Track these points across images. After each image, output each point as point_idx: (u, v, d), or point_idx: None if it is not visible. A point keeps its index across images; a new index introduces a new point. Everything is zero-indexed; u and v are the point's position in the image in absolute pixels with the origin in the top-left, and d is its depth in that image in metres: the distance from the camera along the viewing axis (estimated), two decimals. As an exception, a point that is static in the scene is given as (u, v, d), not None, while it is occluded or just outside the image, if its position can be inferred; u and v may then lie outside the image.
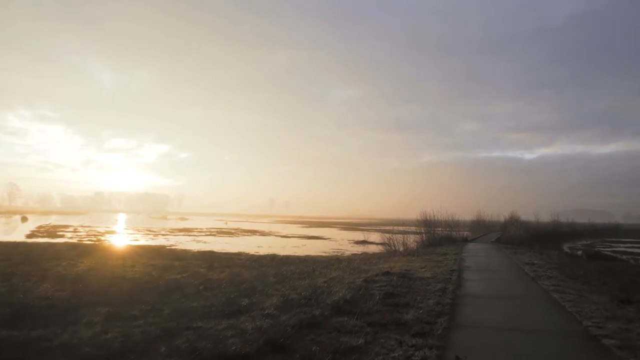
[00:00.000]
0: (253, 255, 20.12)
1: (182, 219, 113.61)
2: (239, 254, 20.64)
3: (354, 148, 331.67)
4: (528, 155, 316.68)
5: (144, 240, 33.59)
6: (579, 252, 33.21)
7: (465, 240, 29.06)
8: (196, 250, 24.02)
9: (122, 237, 36.15)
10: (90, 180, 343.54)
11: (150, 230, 48.95)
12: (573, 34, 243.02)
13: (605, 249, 38.29)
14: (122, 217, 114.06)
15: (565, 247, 38.57)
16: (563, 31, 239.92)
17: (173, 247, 26.44)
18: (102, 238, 34.12)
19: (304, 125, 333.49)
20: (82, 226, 53.97)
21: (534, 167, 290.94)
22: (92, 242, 28.62)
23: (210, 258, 18.00)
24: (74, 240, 30.04)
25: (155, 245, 26.82)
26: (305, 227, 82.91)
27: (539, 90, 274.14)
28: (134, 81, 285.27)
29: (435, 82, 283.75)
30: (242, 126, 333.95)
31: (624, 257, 29.77)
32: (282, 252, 26.20)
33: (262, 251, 27.15)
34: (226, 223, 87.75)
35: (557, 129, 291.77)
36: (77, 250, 18.72)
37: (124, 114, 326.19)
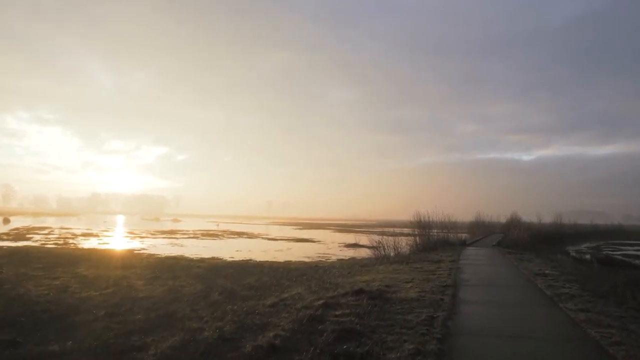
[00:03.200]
0: (218, 262, 17.53)
1: (175, 220, 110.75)
2: (202, 261, 18.04)
3: (353, 149, 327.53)
4: (526, 157, 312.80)
5: (115, 244, 30.93)
6: (587, 256, 30.67)
7: (464, 244, 26.45)
8: (161, 255, 21.40)
9: (93, 240, 33.47)
10: (89, 181, 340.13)
11: (131, 232, 46.28)
12: (572, 35, 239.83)
13: (614, 253, 35.68)
14: (113, 219, 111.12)
15: (571, 251, 35.94)
16: (562, 32, 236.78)
17: (140, 252, 23.82)
18: (71, 241, 31.44)
19: (303, 127, 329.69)
20: (62, 228, 51.29)
21: (532, 168, 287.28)
22: (56, 246, 26.00)
23: (165, 266, 15.43)
24: (37, 244, 27.41)
25: (120, 250, 24.22)
26: (300, 228, 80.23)
27: (537, 91, 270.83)
28: (133, 83, 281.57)
29: (434, 83, 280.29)
30: (240, 128, 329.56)
31: (637, 262, 27.22)
32: (261, 257, 23.66)
33: (240, 256, 24.56)
34: (218, 225, 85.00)
35: (555, 130, 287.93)
36: (12, 257, 16.13)
37: (122, 116, 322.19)
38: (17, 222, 63.72)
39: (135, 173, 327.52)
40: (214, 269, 14.93)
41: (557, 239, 46.01)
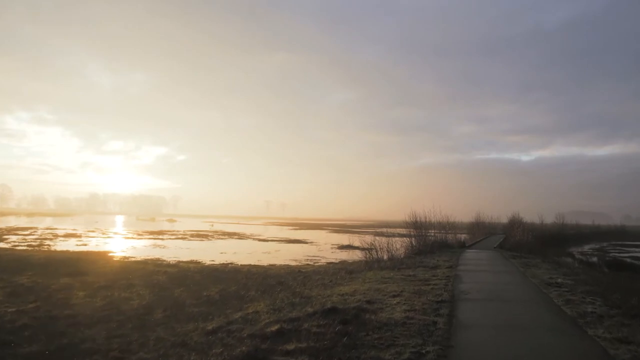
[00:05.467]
0: (191, 267, 15.75)
1: (170, 220, 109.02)
2: (173, 265, 16.30)
3: (351, 150, 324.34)
4: (525, 157, 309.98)
5: (93, 245, 29.12)
6: (594, 259, 28.98)
7: (463, 246, 24.77)
8: (133, 259, 19.74)
9: (72, 241, 31.69)
10: (88, 182, 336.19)
11: (117, 233, 44.51)
12: (570, 37, 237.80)
13: (622, 255, 34.01)
14: (108, 219, 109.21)
15: (575, 253, 34.20)
16: (560, 34, 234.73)
17: (113, 255, 22.08)
18: (48, 242, 29.71)
19: (301, 128, 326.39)
20: (47, 228, 49.54)
21: (530, 169, 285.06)
22: (27, 248, 24.37)
23: (126, 272, 13.69)
24: (7, 246, 25.70)
25: (91, 253, 22.47)
26: (295, 229, 78.44)
27: (535, 92, 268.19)
28: (132, 84, 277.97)
29: (433, 84, 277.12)
30: (239, 129, 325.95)
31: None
32: (245, 260, 21.96)
33: (222, 258, 22.86)
34: (212, 225, 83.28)
35: (553, 131, 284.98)
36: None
37: (121, 116, 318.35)
38: (7, 223, 61.96)
39: (134, 173, 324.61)
40: (181, 275, 13.18)
41: (559, 240, 44.32)
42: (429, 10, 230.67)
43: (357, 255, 23.32)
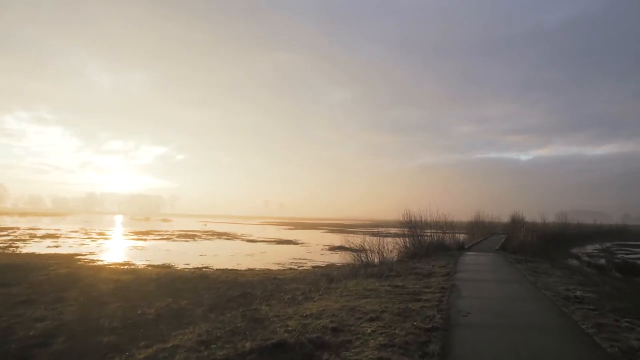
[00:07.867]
0: (152, 274, 13.84)
1: (165, 220, 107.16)
2: (131, 272, 14.39)
3: (351, 150, 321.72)
4: (524, 157, 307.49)
5: (66, 247, 27.16)
6: (602, 262, 27.12)
7: (462, 248, 22.85)
8: (98, 263, 17.83)
9: (46, 243, 29.77)
10: (88, 182, 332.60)
11: (100, 234, 42.53)
12: (570, 37, 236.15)
13: (630, 257, 32.06)
14: (103, 219, 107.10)
15: (582, 254, 32.30)
16: (560, 34, 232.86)
17: (79, 258, 20.18)
18: (20, 244, 27.83)
19: (301, 128, 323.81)
20: (30, 228, 47.61)
21: (530, 169, 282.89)
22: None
23: (69, 280, 11.83)
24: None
25: (58, 255, 20.56)
26: (291, 229, 76.48)
27: (535, 92, 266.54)
28: (132, 84, 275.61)
29: (433, 84, 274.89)
30: (238, 129, 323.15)
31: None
32: (224, 264, 20.12)
33: (200, 262, 20.99)
34: (206, 225, 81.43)
35: (553, 131, 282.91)
36: None
37: (121, 116, 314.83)
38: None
39: (134, 173, 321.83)
40: (132, 284, 11.29)
41: (562, 240, 42.42)
42: (429, 10, 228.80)
43: (348, 258, 21.40)
